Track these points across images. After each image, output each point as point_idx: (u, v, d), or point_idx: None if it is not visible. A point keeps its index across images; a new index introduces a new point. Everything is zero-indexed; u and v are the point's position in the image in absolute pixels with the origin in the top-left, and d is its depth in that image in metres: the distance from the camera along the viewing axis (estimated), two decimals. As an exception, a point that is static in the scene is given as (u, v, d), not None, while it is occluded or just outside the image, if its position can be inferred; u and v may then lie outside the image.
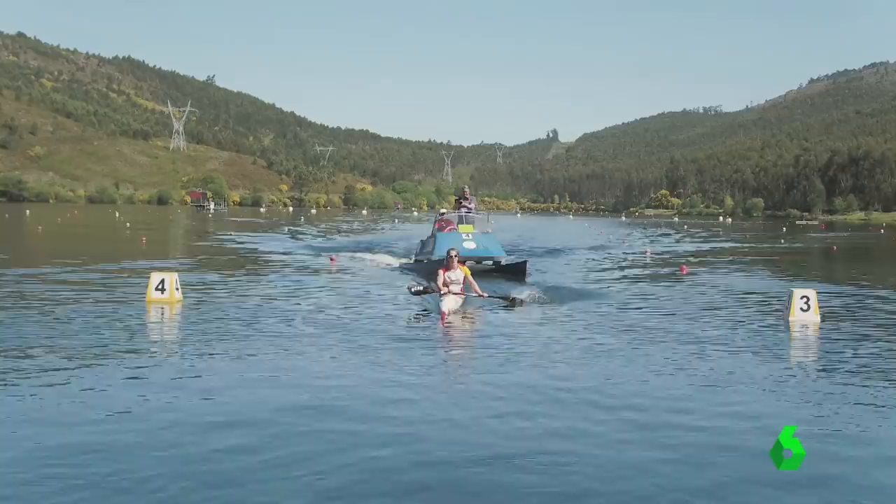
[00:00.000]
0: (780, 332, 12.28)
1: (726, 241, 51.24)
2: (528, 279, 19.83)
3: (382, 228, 65.92)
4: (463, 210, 24.56)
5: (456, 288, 14.30)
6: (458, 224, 23.64)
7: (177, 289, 14.45)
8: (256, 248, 32.44)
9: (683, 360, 9.66)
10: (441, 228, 23.44)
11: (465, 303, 14.35)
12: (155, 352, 9.82)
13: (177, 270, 15.81)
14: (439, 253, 19.66)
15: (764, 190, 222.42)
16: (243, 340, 10.62)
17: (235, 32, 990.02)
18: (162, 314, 13.03)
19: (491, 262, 22.14)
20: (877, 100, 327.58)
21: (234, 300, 15.13)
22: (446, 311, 13.37)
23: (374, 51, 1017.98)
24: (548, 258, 29.37)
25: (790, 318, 13.35)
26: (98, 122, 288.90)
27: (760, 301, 16.84)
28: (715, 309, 15.12)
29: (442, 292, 14.07)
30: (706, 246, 43.06)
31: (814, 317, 13.32)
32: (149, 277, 14.50)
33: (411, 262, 24.45)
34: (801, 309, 13.50)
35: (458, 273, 14.52)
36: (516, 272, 20.87)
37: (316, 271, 22.63)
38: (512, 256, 24.74)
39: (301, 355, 9.75)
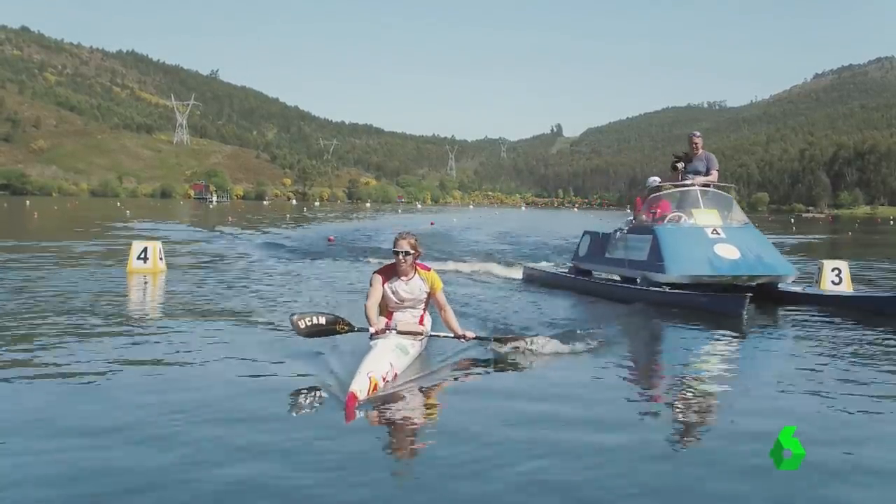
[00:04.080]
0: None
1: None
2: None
3: (357, 216, 65.36)
4: (691, 179, 12.57)
5: (409, 319, 7.03)
6: (689, 207, 12.12)
7: (160, 258, 13.92)
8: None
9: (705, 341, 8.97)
10: (655, 214, 12.48)
11: (424, 355, 7.00)
12: (125, 327, 8.51)
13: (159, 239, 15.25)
14: (663, 270, 11.20)
15: (769, 184, 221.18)
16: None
17: (239, 27, 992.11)
18: (144, 285, 12.46)
19: (759, 284, 11.41)
20: (882, 94, 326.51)
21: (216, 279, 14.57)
22: (378, 379, 5.63)
23: (378, 45, 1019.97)
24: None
25: (821, 291, 12.59)
26: (101, 116, 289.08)
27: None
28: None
29: (374, 330, 6.61)
30: None
31: (846, 290, 12.55)
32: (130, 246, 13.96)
33: (564, 271, 15.13)
34: (833, 282, 12.81)
35: (417, 285, 7.09)
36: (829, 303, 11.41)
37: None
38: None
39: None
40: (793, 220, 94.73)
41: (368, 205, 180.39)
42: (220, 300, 10.61)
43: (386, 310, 7.08)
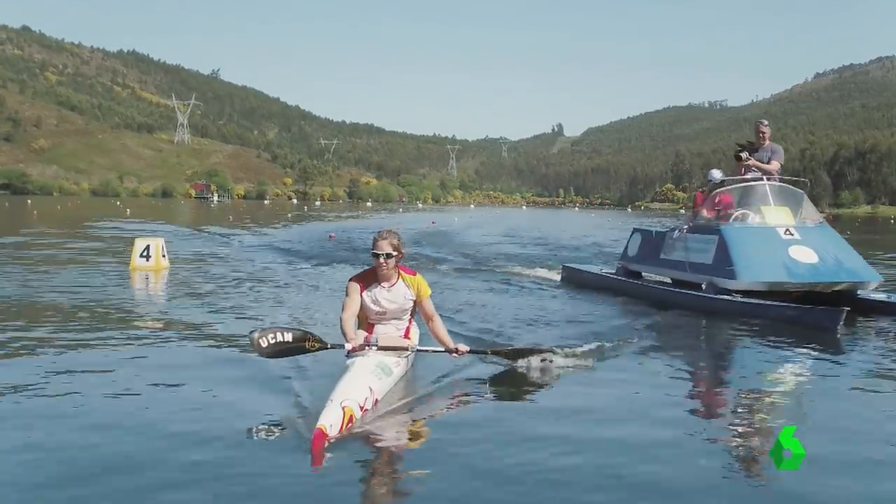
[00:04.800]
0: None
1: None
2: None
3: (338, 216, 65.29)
4: (754, 175, 11.30)
5: (392, 332, 6.12)
6: (757, 204, 10.89)
7: (163, 255, 13.95)
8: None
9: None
10: (720, 213, 11.30)
11: (410, 374, 6.20)
12: (125, 327, 8.37)
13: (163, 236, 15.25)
14: (733, 276, 10.07)
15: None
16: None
17: (240, 26, 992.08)
18: (146, 282, 12.47)
19: (836, 291, 10.26)
20: (883, 94, 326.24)
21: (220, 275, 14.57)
22: (354, 408, 4.75)
23: (379, 45, 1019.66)
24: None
25: None
26: (102, 116, 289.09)
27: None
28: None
29: (351, 347, 5.63)
30: None
31: None
32: (132, 244, 13.98)
33: (610, 271, 13.73)
34: None
35: (401, 292, 6.11)
36: None
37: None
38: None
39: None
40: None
41: (369, 204, 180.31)
42: (205, 307, 9.78)
43: (365, 322, 6.06)
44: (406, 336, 6.16)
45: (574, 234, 35.16)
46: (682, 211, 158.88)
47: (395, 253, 5.87)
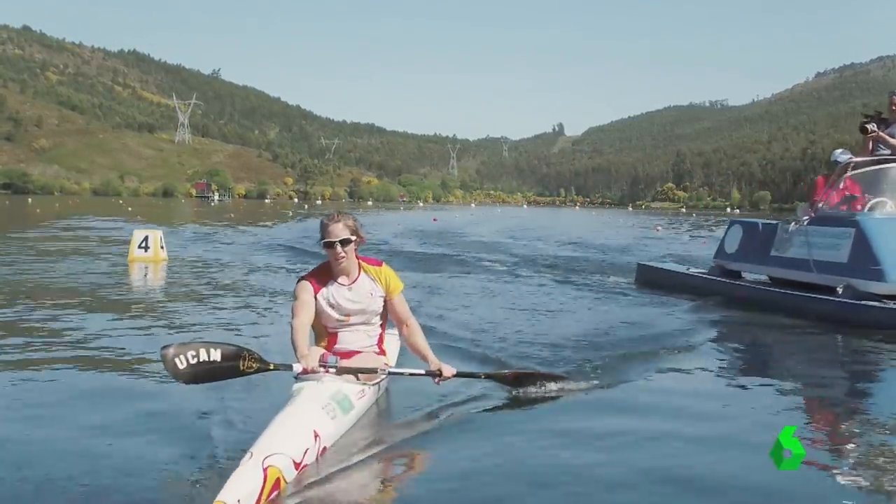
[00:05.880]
0: None
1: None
2: None
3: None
4: (881, 154, 9.62)
5: (361, 341, 4.79)
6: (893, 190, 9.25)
7: (161, 247, 13.93)
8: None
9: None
10: (849, 200, 9.63)
11: (382, 404, 4.87)
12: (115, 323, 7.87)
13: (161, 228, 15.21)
14: (881, 277, 8.48)
15: (771, 183, 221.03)
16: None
17: (241, 26, 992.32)
18: (145, 275, 12.42)
19: None
20: (883, 93, 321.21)
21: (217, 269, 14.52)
22: (283, 469, 3.31)
23: (380, 45, 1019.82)
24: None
25: None
26: (103, 116, 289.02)
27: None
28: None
29: (302, 368, 4.24)
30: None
31: None
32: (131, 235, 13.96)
33: (700, 271, 12.05)
34: None
35: (366, 288, 4.78)
36: None
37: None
38: None
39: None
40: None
41: (370, 203, 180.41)
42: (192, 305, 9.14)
43: (325, 332, 4.70)
44: (379, 347, 4.81)
45: (595, 233, 33.38)
46: (683, 210, 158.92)
47: (353, 237, 4.60)
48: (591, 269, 15.04)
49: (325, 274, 4.67)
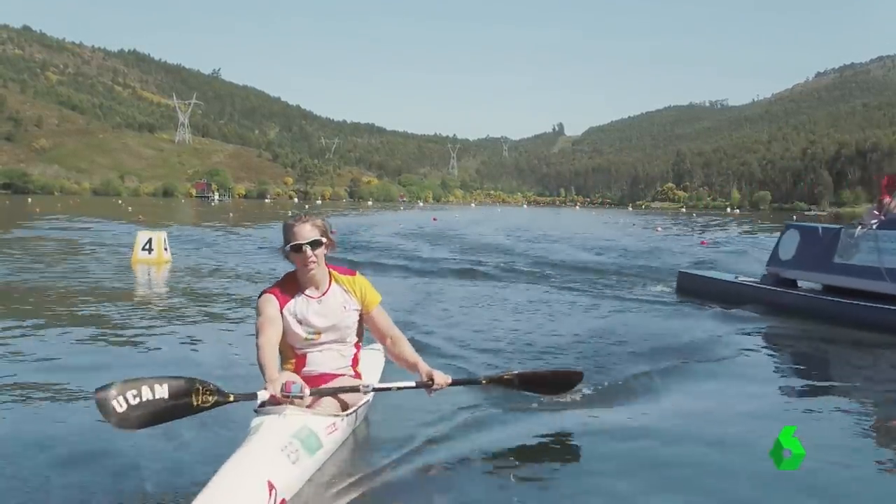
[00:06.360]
0: None
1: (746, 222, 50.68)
2: None
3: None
4: None
5: (334, 362, 4.12)
6: None
7: (165, 249, 13.98)
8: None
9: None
10: None
11: (363, 430, 4.23)
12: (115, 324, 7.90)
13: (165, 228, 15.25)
14: None
15: (771, 183, 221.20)
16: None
17: (241, 26, 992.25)
18: (148, 276, 12.48)
19: None
20: (884, 93, 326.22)
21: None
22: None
23: (380, 44, 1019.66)
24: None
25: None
26: (103, 115, 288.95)
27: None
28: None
29: (266, 396, 3.60)
30: (742, 228, 42.64)
31: None
32: (135, 237, 14.01)
33: (750, 280, 10.87)
34: None
35: (338, 300, 4.12)
36: None
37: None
38: None
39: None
40: (795, 218, 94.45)
41: (370, 203, 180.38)
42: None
43: (292, 353, 4.04)
44: (354, 369, 4.13)
45: (609, 235, 31.80)
46: (683, 210, 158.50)
47: (323, 240, 3.96)
48: (622, 275, 14.08)
49: (290, 285, 4.04)
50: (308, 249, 3.87)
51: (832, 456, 3.96)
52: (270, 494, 2.90)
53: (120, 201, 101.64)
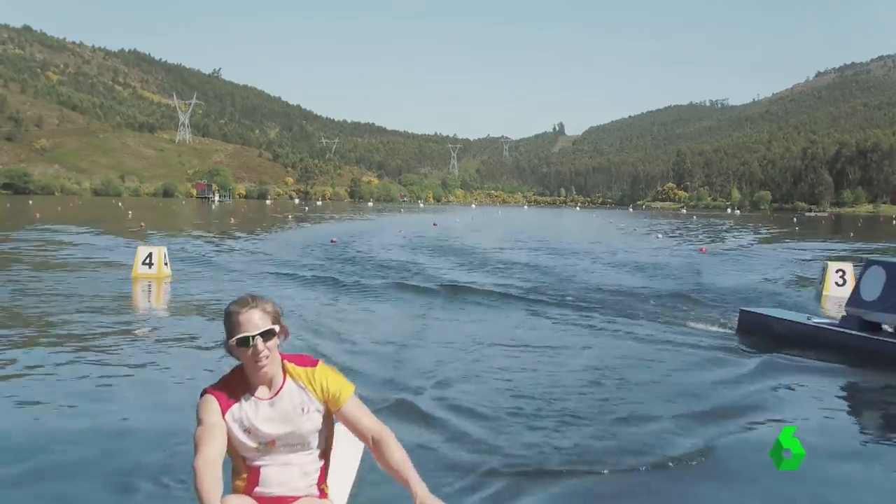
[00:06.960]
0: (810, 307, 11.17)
1: (746, 228, 50.56)
2: None
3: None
4: None
5: (293, 480, 3.06)
6: None
7: (165, 263, 13.93)
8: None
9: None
10: None
11: None
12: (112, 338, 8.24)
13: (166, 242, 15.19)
14: None
15: (771, 182, 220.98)
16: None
17: (242, 26, 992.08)
18: (149, 290, 12.42)
19: None
20: (884, 92, 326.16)
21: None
22: None
23: (381, 44, 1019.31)
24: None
25: (824, 293, 12.46)
26: (104, 115, 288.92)
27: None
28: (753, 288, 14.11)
29: None
30: (746, 235, 42.32)
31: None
32: (135, 251, 13.95)
33: (827, 321, 9.63)
34: (837, 283, 12.59)
35: (295, 400, 3.03)
36: None
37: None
38: None
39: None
40: (795, 218, 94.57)
41: (371, 204, 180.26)
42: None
43: (242, 465, 3.08)
44: (320, 484, 3.16)
45: (627, 245, 30.04)
46: (683, 210, 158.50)
47: (276, 328, 2.98)
48: (664, 305, 12.04)
49: (237, 384, 3.04)
50: (259, 342, 2.91)
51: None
52: None
53: (120, 203, 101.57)
